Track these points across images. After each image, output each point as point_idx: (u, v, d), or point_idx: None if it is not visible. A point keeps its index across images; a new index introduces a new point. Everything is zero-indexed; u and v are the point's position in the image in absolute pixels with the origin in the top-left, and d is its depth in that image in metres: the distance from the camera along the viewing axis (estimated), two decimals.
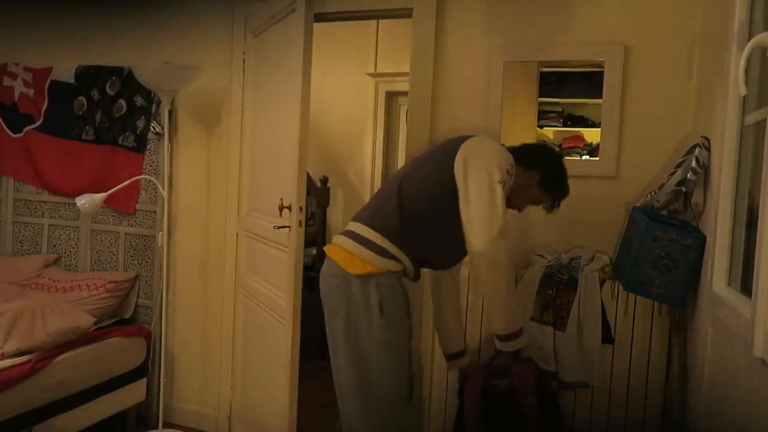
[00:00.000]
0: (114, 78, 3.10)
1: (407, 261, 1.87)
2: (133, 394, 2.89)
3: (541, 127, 3.31)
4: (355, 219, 1.94)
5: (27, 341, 2.41)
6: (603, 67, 2.33)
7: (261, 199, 2.67)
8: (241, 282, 2.83)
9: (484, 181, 1.76)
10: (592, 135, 3.51)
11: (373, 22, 4.14)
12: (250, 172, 2.81)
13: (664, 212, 2.07)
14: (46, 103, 3.26)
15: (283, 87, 2.45)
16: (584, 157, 3.30)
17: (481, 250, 1.73)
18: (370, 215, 1.91)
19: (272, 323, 2.47)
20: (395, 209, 1.86)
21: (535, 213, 2.43)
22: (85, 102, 3.17)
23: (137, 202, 3.09)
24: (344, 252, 1.85)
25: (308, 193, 2.91)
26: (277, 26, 2.50)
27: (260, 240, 2.64)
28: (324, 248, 1.96)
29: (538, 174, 1.96)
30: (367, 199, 4.00)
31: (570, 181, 2.02)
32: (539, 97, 2.67)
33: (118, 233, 3.15)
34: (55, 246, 3.31)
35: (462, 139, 1.88)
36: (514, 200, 1.96)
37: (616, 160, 2.33)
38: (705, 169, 1.86)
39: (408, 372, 1.90)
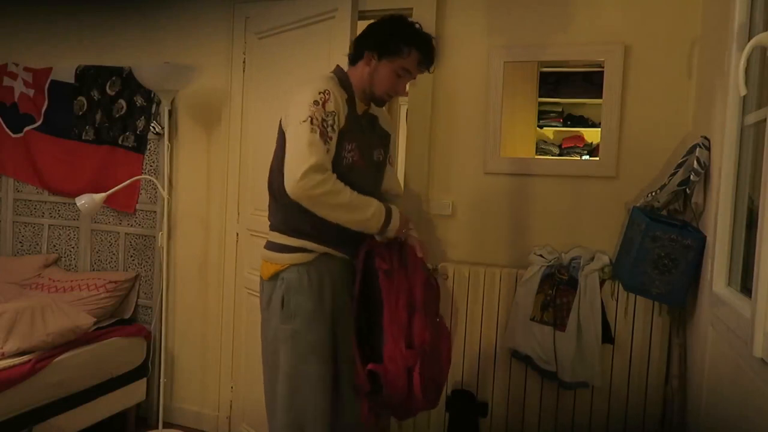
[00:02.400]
0: (114, 78, 3.10)
1: (318, 246, 1.78)
2: (133, 394, 2.89)
3: (541, 127, 3.31)
4: None
5: (27, 341, 2.41)
6: (603, 67, 2.33)
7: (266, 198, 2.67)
8: (244, 281, 2.83)
9: (291, 128, 1.67)
10: (592, 135, 3.52)
11: None
12: (253, 172, 2.81)
13: (664, 212, 2.07)
14: (46, 103, 3.26)
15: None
16: (584, 157, 3.30)
17: (291, 192, 1.61)
18: (268, 214, 1.90)
19: None
20: (272, 201, 1.85)
21: (536, 213, 2.43)
22: (85, 102, 3.17)
23: (137, 202, 3.10)
24: (262, 261, 1.87)
25: None
26: (306, 29, 2.50)
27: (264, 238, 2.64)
28: None
29: (375, 53, 1.79)
30: None
31: (418, 30, 1.82)
32: (539, 97, 2.68)
33: (118, 233, 3.15)
34: (55, 246, 3.31)
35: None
36: (382, 89, 1.82)
37: (616, 160, 2.33)
38: (705, 169, 1.86)
39: (325, 364, 1.77)
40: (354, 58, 1.86)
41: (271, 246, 1.83)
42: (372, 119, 1.93)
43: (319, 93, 1.68)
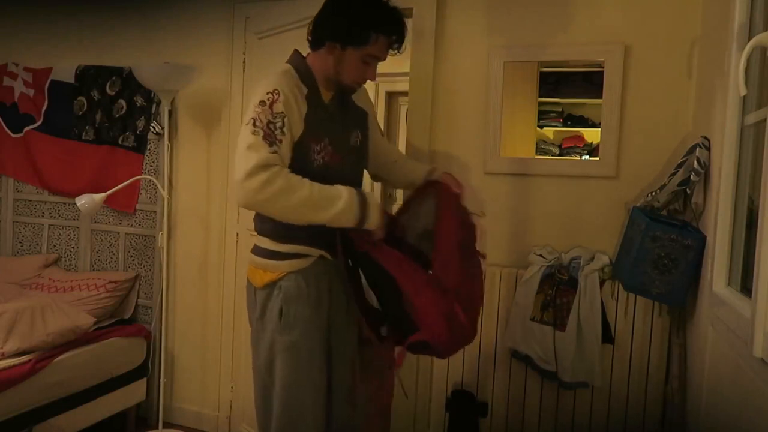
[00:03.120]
0: (114, 78, 3.10)
1: (313, 250, 1.69)
2: (133, 394, 2.89)
3: (541, 127, 3.31)
4: None
5: (27, 341, 2.41)
6: (603, 67, 2.33)
7: None
8: (244, 281, 2.82)
9: (242, 127, 1.57)
10: (592, 135, 3.52)
11: None
12: None
13: (664, 212, 2.07)
14: (46, 103, 3.26)
15: None
16: (584, 157, 3.30)
17: (240, 202, 1.51)
18: (255, 223, 1.78)
19: None
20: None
21: (536, 213, 2.43)
22: (85, 102, 3.17)
23: (137, 202, 3.10)
24: (251, 267, 1.76)
25: None
26: (305, 29, 2.47)
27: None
28: None
29: (337, 43, 1.65)
30: None
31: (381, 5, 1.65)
32: (539, 97, 2.68)
33: (118, 233, 3.15)
34: (55, 246, 3.31)
35: None
36: (350, 79, 1.70)
37: (616, 160, 2.33)
38: (705, 169, 1.86)
39: (321, 372, 1.71)
40: (314, 45, 1.70)
41: (263, 252, 1.72)
42: (343, 101, 1.80)
43: (267, 93, 1.55)
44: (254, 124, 1.51)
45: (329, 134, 1.69)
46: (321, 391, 1.71)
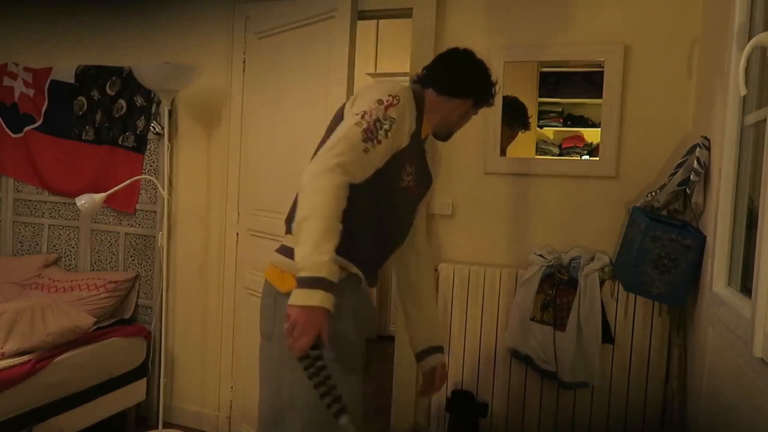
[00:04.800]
0: (114, 78, 3.10)
1: (350, 265, 1.53)
2: (133, 394, 2.89)
3: (541, 127, 3.31)
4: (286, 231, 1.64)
5: (27, 341, 2.41)
6: (603, 67, 2.33)
7: (272, 198, 2.70)
8: (245, 281, 2.83)
9: (345, 119, 1.50)
10: (592, 135, 3.51)
11: (373, 22, 4.15)
12: (254, 172, 2.81)
13: (664, 212, 2.07)
14: (46, 103, 3.26)
15: (309, 86, 2.47)
16: (584, 157, 3.30)
17: (304, 177, 1.39)
18: (290, 222, 1.59)
19: None
20: None
21: (536, 213, 2.43)
22: (85, 102, 3.17)
23: (137, 202, 3.10)
24: (273, 269, 1.57)
25: None
26: (306, 29, 2.51)
27: (269, 238, 2.66)
28: None
29: (468, 99, 1.66)
30: None
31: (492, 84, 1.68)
32: (539, 97, 2.67)
33: (118, 233, 3.15)
34: (55, 246, 3.31)
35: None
36: (459, 127, 1.71)
37: (616, 160, 2.33)
38: (705, 169, 1.86)
39: (356, 393, 1.57)
40: (440, 88, 1.65)
41: (294, 254, 1.48)
42: (432, 146, 1.74)
43: (388, 95, 1.49)
44: (362, 117, 1.45)
45: (417, 165, 1.64)
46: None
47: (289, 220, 1.60)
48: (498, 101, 2.44)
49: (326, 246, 1.32)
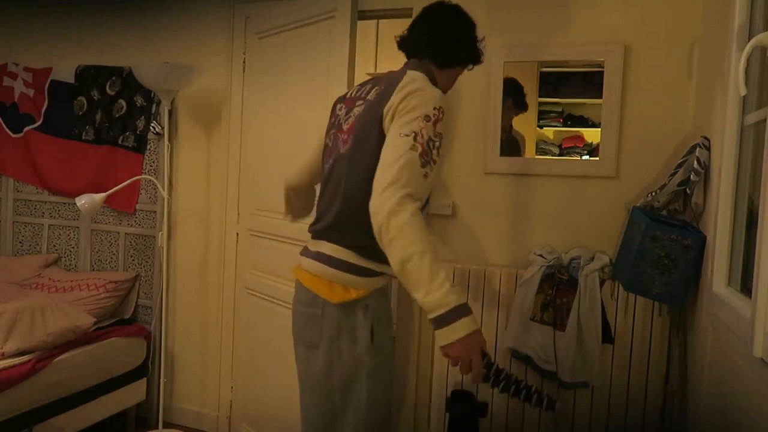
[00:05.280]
0: (114, 78, 3.10)
1: (389, 269, 1.50)
2: (133, 394, 2.89)
3: (541, 127, 3.31)
4: (317, 234, 1.62)
5: (27, 341, 2.41)
6: (603, 67, 2.33)
7: (272, 198, 2.70)
8: (246, 281, 2.83)
9: (392, 135, 1.45)
10: (592, 135, 3.50)
11: (373, 22, 4.14)
12: (254, 172, 2.81)
13: (664, 212, 2.07)
14: (46, 103, 3.26)
15: (309, 86, 2.48)
16: (584, 157, 3.30)
17: (382, 218, 1.36)
18: (334, 231, 1.58)
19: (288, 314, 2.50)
20: (353, 211, 1.51)
21: (536, 213, 2.43)
22: (85, 102, 3.17)
23: (137, 202, 3.10)
24: (318, 279, 1.56)
25: None
26: (306, 29, 2.52)
27: (271, 238, 2.68)
28: (294, 273, 1.67)
29: (468, 65, 1.71)
30: None
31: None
32: (539, 97, 2.67)
33: (118, 233, 3.15)
34: (55, 246, 3.31)
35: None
36: (446, 89, 1.68)
37: (616, 160, 2.33)
38: (705, 169, 1.86)
39: (391, 394, 1.65)
40: (444, 62, 1.65)
41: (347, 267, 1.53)
42: None
43: (434, 109, 1.42)
44: (415, 139, 1.39)
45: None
46: (387, 415, 1.65)
47: (330, 228, 1.57)
48: (498, 98, 2.45)
49: (440, 277, 1.30)
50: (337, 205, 1.54)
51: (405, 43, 1.68)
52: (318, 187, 1.78)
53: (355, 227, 1.49)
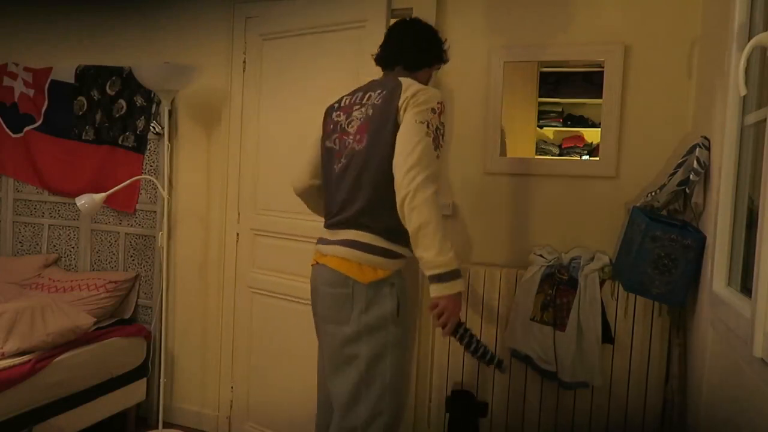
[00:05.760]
0: (114, 78, 3.10)
1: (409, 251, 1.78)
2: (133, 394, 2.89)
3: (541, 127, 3.31)
4: (340, 225, 1.81)
5: (27, 341, 2.41)
6: (603, 67, 2.33)
7: (273, 198, 2.72)
8: (249, 280, 2.83)
9: (408, 121, 1.71)
10: (592, 135, 3.51)
11: None
12: (254, 172, 2.81)
13: (664, 212, 2.07)
14: (46, 103, 3.26)
15: (318, 86, 2.53)
16: (584, 157, 3.30)
17: (411, 197, 1.64)
18: (359, 218, 1.77)
19: (300, 310, 2.55)
20: (375, 198, 1.74)
21: (536, 213, 2.44)
22: (85, 102, 3.17)
23: (137, 202, 3.10)
24: (348, 262, 1.76)
25: None
26: (327, 35, 2.56)
27: (273, 236, 2.70)
28: (317, 260, 1.87)
29: (439, 64, 1.98)
30: None
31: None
32: (539, 97, 2.67)
33: (118, 233, 3.15)
34: (55, 246, 3.31)
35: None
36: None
37: (616, 160, 2.33)
38: (705, 169, 1.86)
39: (410, 365, 1.95)
40: (416, 66, 1.90)
41: (376, 250, 1.74)
42: None
43: (438, 103, 1.70)
44: (428, 126, 1.65)
45: None
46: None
47: (357, 215, 1.77)
48: (498, 98, 2.45)
49: (447, 245, 1.61)
50: (366, 193, 1.74)
51: (382, 59, 1.93)
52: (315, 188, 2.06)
53: (386, 211, 1.71)
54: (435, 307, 1.66)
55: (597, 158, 2.39)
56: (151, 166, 3.06)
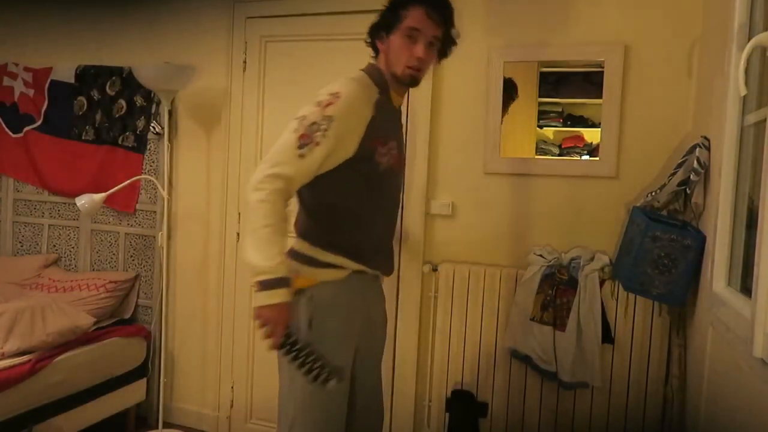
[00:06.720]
0: (114, 78, 3.10)
1: (354, 264, 1.64)
2: (133, 394, 2.89)
3: (541, 127, 3.31)
4: None
5: (27, 341, 2.41)
6: (603, 67, 2.33)
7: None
8: (248, 280, 2.82)
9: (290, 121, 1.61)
10: (592, 135, 3.50)
11: None
12: (253, 171, 2.82)
13: (664, 212, 2.07)
14: (46, 103, 3.26)
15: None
16: (584, 157, 3.30)
17: (249, 188, 1.52)
18: (295, 221, 1.70)
19: None
20: (299, 206, 1.68)
21: (535, 213, 2.43)
22: (85, 102, 3.17)
23: (137, 202, 3.10)
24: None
25: None
26: (341, 43, 2.58)
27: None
28: None
29: (383, 32, 1.70)
30: None
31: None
32: (539, 97, 2.67)
33: (118, 233, 3.15)
34: (55, 246, 3.31)
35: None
36: (401, 63, 1.67)
37: (616, 160, 2.33)
38: (705, 169, 1.86)
39: (345, 382, 1.67)
40: (371, 44, 1.75)
41: (297, 256, 1.64)
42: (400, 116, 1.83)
43: (329, 94, 1.56)
44: (300, 122, 1.54)
45: (396, 138, 1.73)
46: (343, 397, 1.68)
47: (298, 224, 1.70)
48: (498, 98, 2.45)
49: (273, 250, 1.47)
50: (297, 197, 1.68)
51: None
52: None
53: (303, 214, 1.66)
54: (258, 317, 1.50)
55: (597, 158, 2.39)
56: (151, 166, 3.06)
